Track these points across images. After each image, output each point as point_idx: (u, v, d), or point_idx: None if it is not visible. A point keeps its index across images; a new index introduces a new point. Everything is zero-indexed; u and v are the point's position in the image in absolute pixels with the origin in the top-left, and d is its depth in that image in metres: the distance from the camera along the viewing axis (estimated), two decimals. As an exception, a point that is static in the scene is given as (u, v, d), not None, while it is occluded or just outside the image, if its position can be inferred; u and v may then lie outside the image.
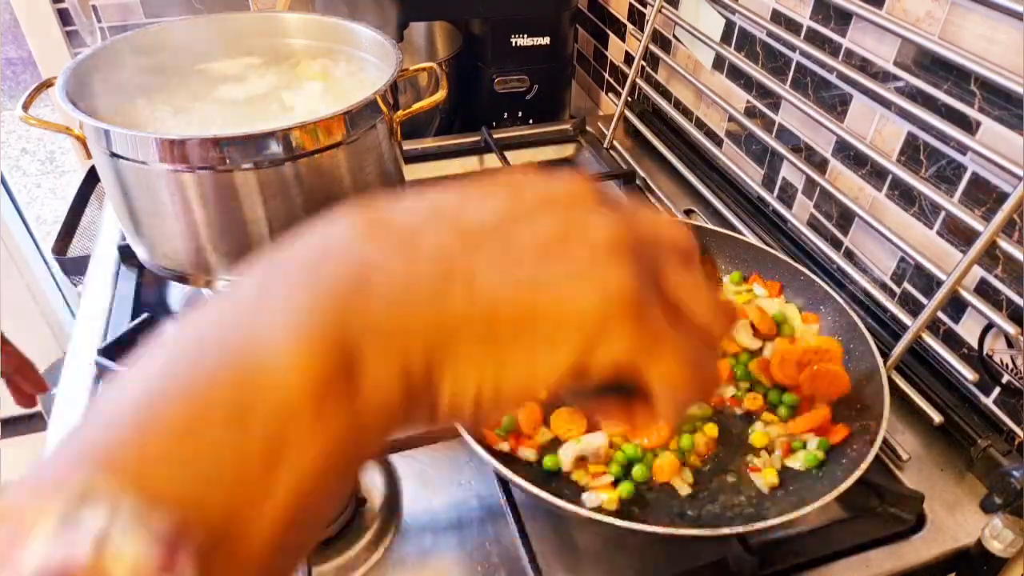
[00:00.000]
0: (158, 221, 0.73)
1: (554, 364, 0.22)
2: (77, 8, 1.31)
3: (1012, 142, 0.56)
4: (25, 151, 2.86)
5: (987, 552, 0.55)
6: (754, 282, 0.73)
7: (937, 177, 0.64)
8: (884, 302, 0.68)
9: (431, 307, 0.21)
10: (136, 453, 0.17)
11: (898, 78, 0.66)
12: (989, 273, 0.61)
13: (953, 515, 0.59)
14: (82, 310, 0.81)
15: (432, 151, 1.05)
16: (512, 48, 1.12)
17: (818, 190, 0.80)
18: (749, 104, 0.89)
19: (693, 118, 1.03)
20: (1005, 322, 0.57)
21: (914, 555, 0.56)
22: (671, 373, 0.23)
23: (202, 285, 0.77)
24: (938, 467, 0.63)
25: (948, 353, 0.62)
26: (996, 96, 0.57)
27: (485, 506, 0.61)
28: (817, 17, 0.74)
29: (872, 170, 0.72)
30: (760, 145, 0.89)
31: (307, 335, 0.19)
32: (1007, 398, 0.61)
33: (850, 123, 0.73)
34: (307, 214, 0.72)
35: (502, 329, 0.21)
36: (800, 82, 0.79)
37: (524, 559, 0.52)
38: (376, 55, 0.82)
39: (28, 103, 0.69)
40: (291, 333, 0.19)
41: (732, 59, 0.88)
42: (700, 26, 0.94)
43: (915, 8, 0.63)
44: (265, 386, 0.18)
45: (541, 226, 0.22)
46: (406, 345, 0.20)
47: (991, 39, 0.56)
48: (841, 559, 0.56)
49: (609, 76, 1.28)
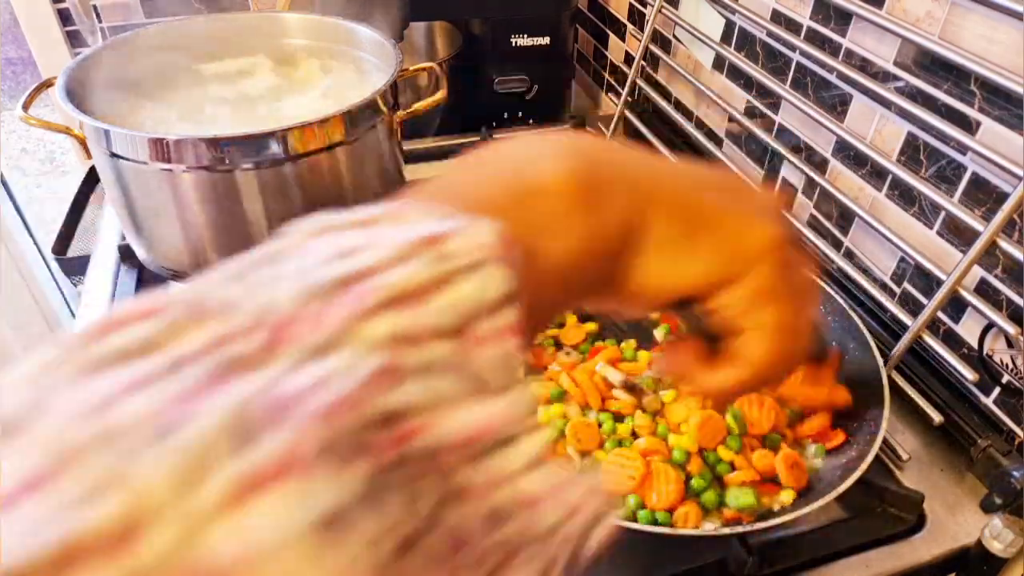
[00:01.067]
0: (158, 221, 0.73)
1: (711, 270, 0.26)
2: (77, 8, 1.31)
3: (1012, 142, 0.56)
4: (25, 151, 2.86)
5: (987, 552, 0.55)
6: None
7: (937, 177, 0.64)
8: (884, 302, 0.68)
9: (654, 180, 0.26)
10: (471, 205, 0.23)
11: (898, 78, 0.66)
12: (989, 273, 0.61)
13: (953, 515, 0.59)
14: (82, 310, 0.81)
15: (432, 151, 1.05)
16: (512, 48, 1.12)
17: (818, 190, 0.81)
18: (749, 104, 0.89)
19: (693, 118, 1.03)
20: (1005, 322, 0.57)
21: (914, 555, 0.56)
22: (777, 324, 0.27)
23: (202, 285, 0.77)
24: (938, 467, 0.63)
25: (948, 353, 0.62)
26: (996, 96, 0.57)
27: (485, 506, 0.60)
28: (817, 17, 0.74)
29: (872, 170, 0.72)
30: (760, 145, 0.89)
31: (569, 166, 0.25)
32: (1007, 398, 0.61)
33: (850, 123, 0.73)
34: (307, 214, 0.72)
35: (694, 220, 0.26)
36: (800, 82, 0.79)
37: (524, 559, 0.52)
38: (376, 55, 0.82)
39: (28, 103, 0.69)
40: (559, 163, 0.25)
41: (732, 59, 0.88)
42: (700, 26, 0.94)
43: (915, 8, 0.63)
44: (540, 183, 0.25)
45: (723, 179, 0.29)
46: (635, 199, 0.26)
47: (991, 39, 0.56)
48: (841, 559, 0.56)
49: (609, 76, 1.28)
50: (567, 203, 0.24)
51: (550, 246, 0.24)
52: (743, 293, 0.27)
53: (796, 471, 0.56)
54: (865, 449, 0.53)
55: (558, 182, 0.25)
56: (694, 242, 0.26)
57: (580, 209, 0.25)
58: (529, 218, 0.24)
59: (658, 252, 0.26)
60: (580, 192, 0.25)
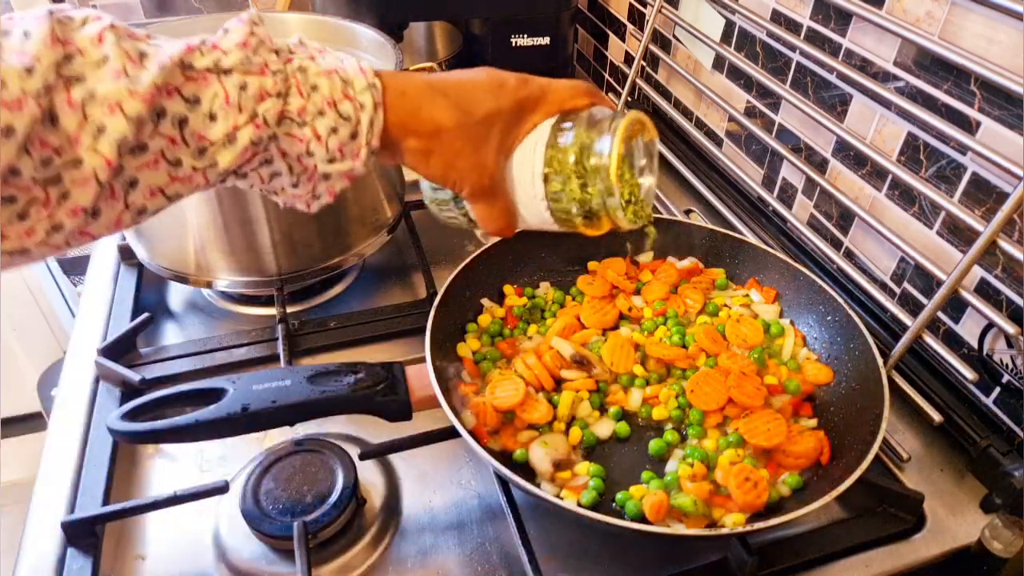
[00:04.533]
0: (158, 221, 0.73)
1: (433, 174, 0.48)
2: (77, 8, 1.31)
3: (1012, 142, 0.56)
4: (25, 151, 2.86)
5: (987, 552, 0.55)
6: (751, 287, 0.72)
7: (937, 177, 0.64)
8: (884, 302, 0.68)
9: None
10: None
11: (898, 78, 0.66)
12: (989, 273, 0.61)
13: (953, 515, 0.59)
14: (82, 310, 0.81)
15: (432, 151, 1.05)
16: (512, 48, 1.12)
17: (818, 190, 0.81)
18: (749, 104, 0.89)
19: (693, 118, 1.03)
20: (1005, 322, 0.57)
21: (914, 555, 0.56)
22: (469, 196, 0.50)
23: (202, 285, 0.77)
24: (938, 467, 0.63)
25: (948, 353, 0.62)
26: (996, 96, 0.57)
27: (485, 506, 0.61)
28: (817, 17, 0.74)
29: (872, 170, 0.72)
30: (760, 145, 0.89)
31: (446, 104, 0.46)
32: (1007, 398, 0.61)
33: (850, 123, 0.73)
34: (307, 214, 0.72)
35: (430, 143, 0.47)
36: (800, 82, 0.79)
37: (524, 559, 0.52)
38: (376, 55, 0.82)
39: (28, 103, 0.69)
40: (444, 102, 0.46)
41: (732, 59, 0.88)
42: (700, 26, 0.94)
43: (915, 8, 0.63)
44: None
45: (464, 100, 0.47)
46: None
47: (991, 39, 0.56)
48: (841, 559, 0.56)
49: (609, 76, 1.28)
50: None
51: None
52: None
53: (747, 486, 0.54)
54: (865, 449, 0.53)
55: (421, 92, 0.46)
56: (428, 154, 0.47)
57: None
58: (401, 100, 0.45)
59: (411, 156, 0.46)
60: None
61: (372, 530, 0.58)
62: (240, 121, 0.39)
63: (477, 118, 0.46)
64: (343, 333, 0.76)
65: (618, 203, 0.48)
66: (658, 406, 0.62)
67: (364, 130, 0.43)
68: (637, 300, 0.72)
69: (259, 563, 0.56)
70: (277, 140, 0.41)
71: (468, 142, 0.46)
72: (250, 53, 0.40)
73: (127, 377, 0.69)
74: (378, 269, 0.88)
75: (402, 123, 0.45)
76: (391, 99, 0.44)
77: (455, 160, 0.47)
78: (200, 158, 0.39)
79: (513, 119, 0.48)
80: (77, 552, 0.55)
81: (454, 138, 0.46)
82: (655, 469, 0.58)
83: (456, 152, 0.46)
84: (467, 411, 0.59)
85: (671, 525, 0.53)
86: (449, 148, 0.46)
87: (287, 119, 0.41)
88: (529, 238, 0.74)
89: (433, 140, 0.46)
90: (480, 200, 0.50)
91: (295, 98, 0.41)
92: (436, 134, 0.45)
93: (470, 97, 0.47)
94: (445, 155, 0.46)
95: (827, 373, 0.64)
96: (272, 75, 0.40)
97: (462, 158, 0.47)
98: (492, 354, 0.66)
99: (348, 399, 0.56)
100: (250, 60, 0.39)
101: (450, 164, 0.47)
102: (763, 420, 0.59)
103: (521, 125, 0.49)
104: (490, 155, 0.48)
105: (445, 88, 0.46)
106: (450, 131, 0.46)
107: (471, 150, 0.47)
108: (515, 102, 0.48)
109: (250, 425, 0.54)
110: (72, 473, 0.62)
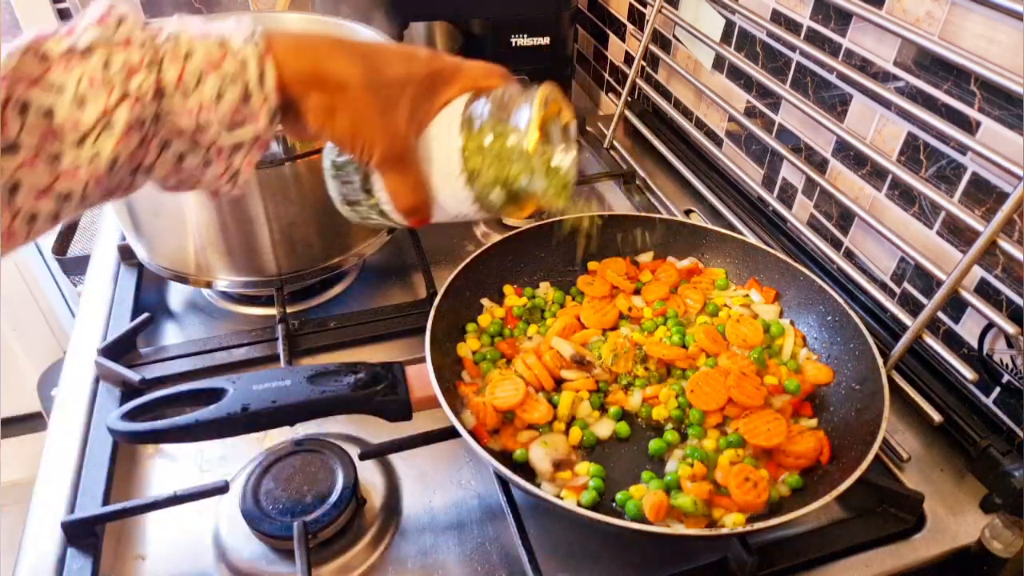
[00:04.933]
0: (158, 221, 0.73)
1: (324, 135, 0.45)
2: (78, 8, 1.31)
3: (1012, 142, 0.56)
4: (25, 151, 2.86)
5: (987, 552, 0.55)
6: (751, 287, 0.73)
7: (937, 177, 0.64)
8: (884, 302, 0.68)
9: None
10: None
11: (898, 78, 0.66)
12: (989, 273, 0.61)
13: (953, 515, 0.59)
14: (82, 310, 0.81)
15: (432, 151, 1.05)
16: (512, 48, 1.12)
17: (818, 190, 0.81)
18: (749, 104, 0.89)
19: (693, 118, 1.03)
20: (1005, 322, 0.57)
21: (914, 555, 0.56)
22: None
23: (202, 285, 0.77)
24: (938, 467, 0.63)
25: (948, 353, 0.62)
26: (996, 96, 0.57)
27: (485, 506, 0.61)
28: (817, 17, 0.74)
29: (872, 170, 0.72)
30: (760, 145, 0.89)
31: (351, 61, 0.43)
32: (1007, 398, 0.61)
33: (850, 123, 0.73)
34: (307, 214, 0.72)
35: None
36: (800, 82, 0.79)
37: (524, 559, 0.52)
38: (376, 55, 0.81)
39: (28, 103, 0.69)
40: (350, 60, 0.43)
41: (732, 59, 0.88)
42: (700, 26, 0.94)
43: (915, 8, 0.63)
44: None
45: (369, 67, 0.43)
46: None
47: (991, 39, 0.56)
48: (841, 559, 0.56)
49: (609, 76, 1.28)
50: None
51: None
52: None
53: (747, 486, 0.54)
54: (865, 449, 0.53)
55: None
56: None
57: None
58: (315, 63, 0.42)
59: (314, 115, 0.42)
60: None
61: (372, 530, 0.58)
62: (111, 101, 0.36)
63: (387, 78, 0.43)
64: (343, 333, 0.76)
65: (540, 173, 0.46)
66: (658, 406, 0.62)
67: (255, 87, 0.39)
68: (637, 300, 0.72)
69: (259, 563, 0.56)
70: (165, 118, 0.38)
71: (377, 102, 0.43)
72: (110, 30, 0.37)
73: (127, 377, 0.69)
74: (378, 269, 0.88)
75: (301, 77, 0.41)
76: (282, 54, 0.40)
77: (363, 120, 0.43)
78: (80, 147, 0.36)
79: (426, 90, 0.45)
80: (77, 552, 0.55)
81: (361, 95, 0.42)
82: (655, 469, 0.58)
83: (364, 111, 0.42)
84: (467, 411, 0.59)
85: (671, 525, 0.53)
86: (356, 106, 0.42)
87: (166, 93, 0.38)
88: (529, 238, 0.75)
89: (337, 95, 0.42)
90: (391, 169, 0.46)
91: (170, 68, 0.37)
92: (341, 88, 0.42)
93: (379, 57, 0.43)
94: (352, 113, 0.42)
95: (827, 373, 0.64)
96: (140, 47, 0.37)
97: (370, 119, 0.43)
98: (492, 354, 0.66)
99: (348, 399, 0.56)
100: (111, 36, 0.36)
101: (358, 124, 0.43)
102: (763, 420, 0.59)
103: (434, 99, 0.46)
104: (401, 122, 0.44)
105: (352, 45, 0.43)
106: (357, 88, 0.42)
107: (380, 111, 0.43)
108: (427, 73, 0.45)
109: (250, 425, 0.54)
110: (72, 473, 0.62)
